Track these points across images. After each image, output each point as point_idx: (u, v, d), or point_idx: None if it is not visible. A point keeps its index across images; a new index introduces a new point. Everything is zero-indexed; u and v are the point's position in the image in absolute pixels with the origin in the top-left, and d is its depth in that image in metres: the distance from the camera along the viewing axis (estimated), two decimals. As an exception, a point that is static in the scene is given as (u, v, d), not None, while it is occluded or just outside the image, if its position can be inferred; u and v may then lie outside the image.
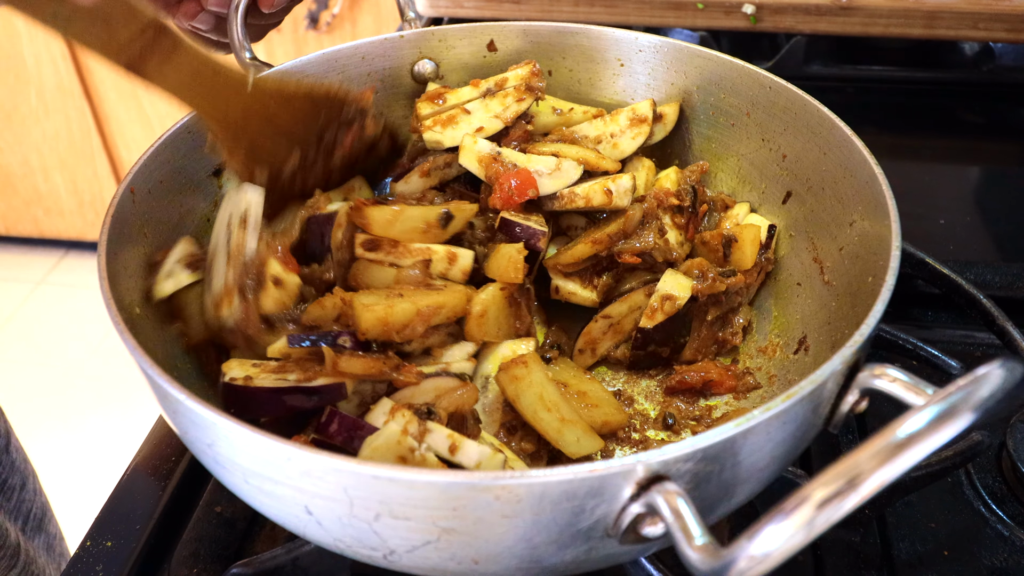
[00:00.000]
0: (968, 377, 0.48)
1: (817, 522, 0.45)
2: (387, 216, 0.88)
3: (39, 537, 1.30)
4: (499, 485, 0.51)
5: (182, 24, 0.99)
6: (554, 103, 1.07)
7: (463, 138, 0.96)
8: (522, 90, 1.00)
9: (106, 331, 3.12)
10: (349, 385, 0.76)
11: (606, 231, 0.95)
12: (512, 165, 0.94)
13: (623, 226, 0.94)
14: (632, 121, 1.04)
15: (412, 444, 0.68)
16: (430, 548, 0.57)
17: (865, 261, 0.80)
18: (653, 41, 1.05)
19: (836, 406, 0.63)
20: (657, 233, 0.96)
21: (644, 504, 0.53)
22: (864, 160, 0.82)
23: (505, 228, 0.93)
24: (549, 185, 0.94)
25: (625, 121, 1.04)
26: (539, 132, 1.06)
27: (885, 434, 0.47)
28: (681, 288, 0.93)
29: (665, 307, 0.92)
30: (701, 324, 0.96)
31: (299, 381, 0.74)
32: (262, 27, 1.03)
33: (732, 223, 1.00)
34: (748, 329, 0.99)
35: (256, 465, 0.58)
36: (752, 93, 0.99)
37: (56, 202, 3.32)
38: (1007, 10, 1.44)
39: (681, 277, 0.94)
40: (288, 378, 0.74)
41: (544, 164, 0.95)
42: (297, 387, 0.73)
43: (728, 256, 0.97)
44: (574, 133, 1.04)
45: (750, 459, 0.59)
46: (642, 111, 1.04)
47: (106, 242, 0.75)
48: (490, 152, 0.95)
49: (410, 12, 1.10)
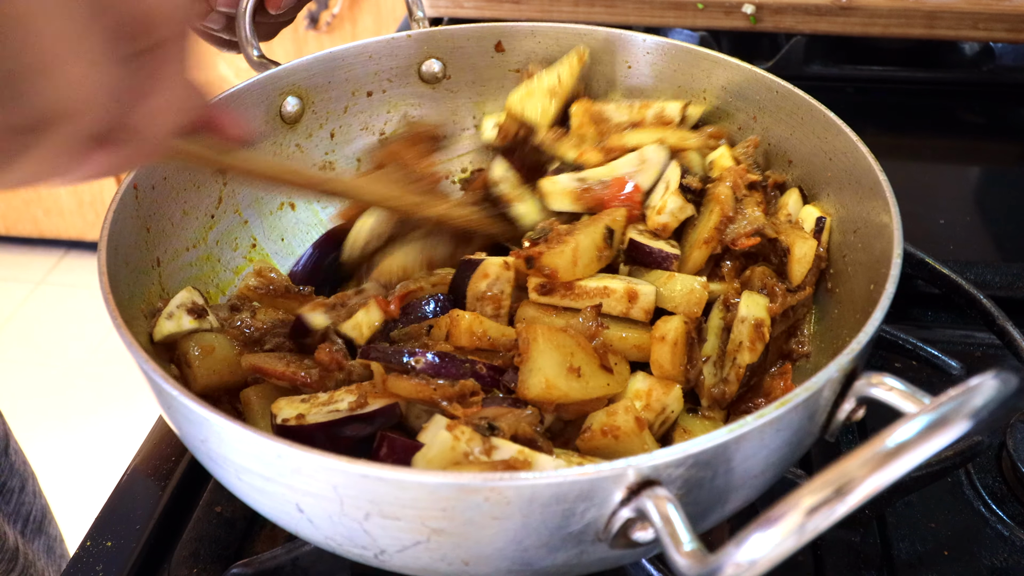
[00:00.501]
0: (961, 387, 0.48)
1: (806, 529, 0.45)
2: (568, 258, 0.83)
3: (39, 540, 1.30)
4: (488, 487, 0.51)
5: (194, 24, 1.00)
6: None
7: (543, 184, 0.93)
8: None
9: (106, 331, 3.12)
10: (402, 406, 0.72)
11: (709, 225, 0.88)
12: (600, 183, 0.91)
13: (722, 212, 0.88)
14: (657, 119, 1.02)
15: (466, 448, 0.63)
16: (420, 548, 0.56)
17: (868, 268, 0.80)
18: (661, 44, 1.04)
19: (832, 414, 0.63)
20: (755, 207, 0.89)
21: (634, 509, 0.52)
22: (869, 167, 0.82)
23: (636, 252, 0.87)
24: (645, 180, 0.91)
25: (652, 117, 1.02)
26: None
27: (876, 442, 0.47)
28: (762, 309, 0.84)
29: (761, 333, 0.83)
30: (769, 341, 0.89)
31: (352, 408, 0.70)
32: (273, 25, 1.03)
33: (784, 215, 0.92)
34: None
35: (248, 462, 0.58)
36: (759, 97, 0.98)
37: (56, 202, 3.32)
38: (1007, 10, 1.44)
39: (757, 297, 0.85)
40: (340, 408, 0.71)
41: (627, 163, 0.92)
42: (352, 416, 0.70)
43: (785, 264, 0.88)
44: (605, 123, 1.02)
45: (743, 465, 0.58)
46: (670, 113, 1.01)
47: (107, 239, 0.74)
48: (574, 185, 0.92)
49: (418, 12, 1.10)
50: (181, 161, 0.80)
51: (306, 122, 1.03)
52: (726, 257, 0.90)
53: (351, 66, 1.04)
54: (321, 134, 1.05)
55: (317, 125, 1.04)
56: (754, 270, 0.89)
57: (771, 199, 0.95)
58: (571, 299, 0.83)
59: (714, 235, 0.87)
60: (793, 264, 0.87)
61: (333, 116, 1.05)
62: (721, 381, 0.82)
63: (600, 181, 0.92)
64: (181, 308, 0.81)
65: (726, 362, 0.83)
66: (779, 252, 0.89)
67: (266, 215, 1.02)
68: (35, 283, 3.45)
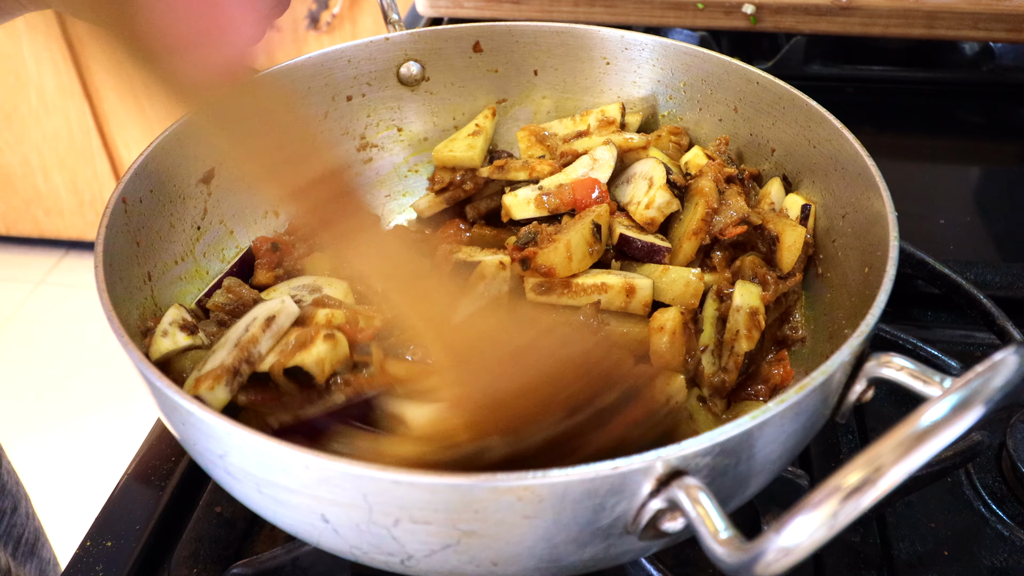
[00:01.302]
0: (986, 363, 0.48)
1: (842, 514, 0.46)
2: (562, 254, 0.83)
3: (31, 563, 1.27)
4: (521, 486, 0.51)
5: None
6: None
7: (504, 200, 0.95)
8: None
9: (106, 332, 3.12)
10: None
11: (696, 217, 0.89)
12: (558, 187, 0.93)
13: (707, 204, 0.89)
14: (601, 123, 1.04)
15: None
16: (449, 552, 0.57)
17: (860, 252, 0.81)
18: (639, 39, 1.06)
19: (844, 396, 0.64)
20: (739, 196, 0.91)
21: (664, 499, 0.53)
22: (856, 153, 0.83)
23: (627, 246, 0.88)
24: (603, 176, 0.93)
25: (595, 123, 1.05)
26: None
27: (906, 425, 0.47)
28: (756, 297, 0.86)
29: (756, 321, 0.85)
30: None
31: (351, 397, 0.71)
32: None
33: (767, 204, 0.94)
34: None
35: (271, 475, 0.57)
36: (739, 88, 1.00)
37: (56, 202, 3.32)
38: (1007, 10, 1.44)
39: (751, 286, 0.87)
40: (338, 400, 0.72)
41: (581, 165, 0.94)
42: (351, 404, 0.71)
43: (773, 252, 0.90)
44: (552, 138, 1.04)
45: (764, 451, 0.59)
46: (611, 114, 1.04)
47: (102, 253, 0.74)
48: (535, 194, 0.93)
49: (393, 15, 1.10)
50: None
51: (286, 129, 1.03)
52: (715, 248, 0.92)
53: (330, 71, 1.04)
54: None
55: (297, 131, 1.04)
56: (744, 259, 0.91)
57: (749, 191, 0.97)
58: (569, 297, 0.85)
59: (702, 226, 0.89)
60: (783, 252, 0.89)
61: (314, 122, 1.05)
62: (721, 370, 0.84)
63: (558, 185, 0.94)
64: (174, 325, 0.80)
65: (724, 351, 0.85)
66: (767, 240, 0.90)
67: (251, 224, 1.01)
68: (35, 283, 3.45)
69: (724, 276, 0.90)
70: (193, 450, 0.66)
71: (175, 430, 0.66)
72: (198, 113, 0.74)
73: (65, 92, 2.98)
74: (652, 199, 0.90)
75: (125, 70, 0.63)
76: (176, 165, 0.89)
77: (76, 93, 2.98)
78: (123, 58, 0.62)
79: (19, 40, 2.88)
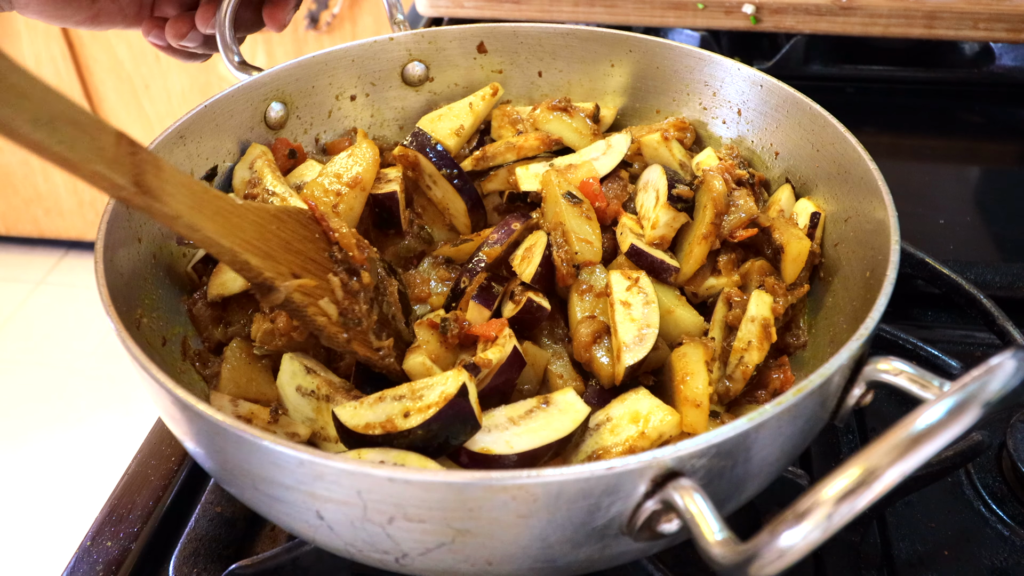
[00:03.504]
0: (983, 367, 0.48)
1: (837, 516, 0.46)
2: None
3: None
4: (516, 484, 0.51)
5: (167, 42, 0.99)
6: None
7: (517, 169, 0.98)
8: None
9: (106, 331, 3.12)
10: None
11: (706, 220, 0.88)
12: (567, 165, 0.95)
13: (716, 208, 0.89)
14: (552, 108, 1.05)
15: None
16: (444, 550, 0.57)
17: (861, 256, 0.81)
18: (643, 42, 1.05)
19: (843, 399, 0.64)
20: (748, 198, 0.90)
21: (659, 501, 0.53)
22: (859, 158, 0.83)
23: (638, 258, 0.88)
24: (605, 166, 0.96)
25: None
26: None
27: (902, 426, 0.47)
28: (769, 308, 0.85)
29: (768, 333, 0.84)
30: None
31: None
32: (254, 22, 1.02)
33: (776, 210, 0.94)
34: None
35: (267, 471, 0.57)
36: (743, 92, 1.00)
37: (56, 202, 3.32)
38: (1007, 10, 1.44)
39: (766, 296, 0.85)
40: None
41: (595, 149, 0.97)
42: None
43: (778, 262, 0.89)
44: (521, 123, 1.05)
45: (761, 453, 0.59)
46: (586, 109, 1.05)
47: (102, 251, 0.74)
48: (544, 169, 0.95)
49: (398, 15, 1.10)
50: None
51: (291, 127, 1.03)
52: (722, 251, 0.91)
53: (334, 70, 1.04)
54: (306, 139, 1.05)
55: (302, 130, 1.04)
56: (753, 263, 0.90)
57: (758, 196, 0.96)
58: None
59: (711, 230, 0.88)
60: (787, 263, 0.88)
61: (318, 121, 1.05)
62: (725, 378, 0.83)
63: (568, 164, 0.96)
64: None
65: (731, 359, 0.83)
66: (773, 246, 0.90)
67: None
68: (35, 283, 3.45)
69: (732, 279, 0.89)
70: (190, 446, 0.66)
71: (176, 427, 0.66)
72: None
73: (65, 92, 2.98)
74: (657, 219, 0.89)
75: None
76: (177, 164, 0.89)
77: (76, 93, 2.98)
78: None
79: (19, 40, 2.88)
